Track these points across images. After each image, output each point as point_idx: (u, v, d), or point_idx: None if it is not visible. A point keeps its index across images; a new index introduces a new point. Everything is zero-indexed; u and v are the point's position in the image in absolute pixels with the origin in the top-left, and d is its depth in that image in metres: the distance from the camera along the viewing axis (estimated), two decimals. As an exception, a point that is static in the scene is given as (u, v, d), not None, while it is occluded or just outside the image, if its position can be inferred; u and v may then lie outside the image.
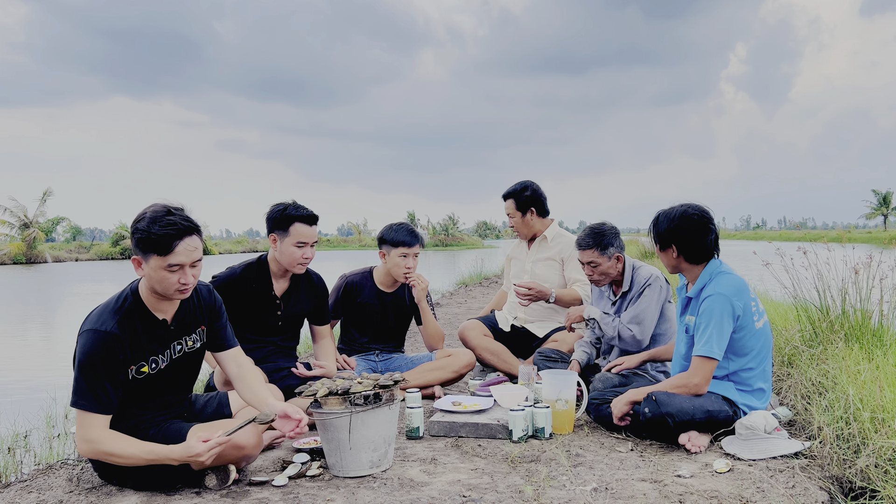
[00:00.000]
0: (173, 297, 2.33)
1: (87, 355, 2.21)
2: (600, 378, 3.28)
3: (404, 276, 3.80)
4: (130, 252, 2.31)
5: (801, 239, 14.55)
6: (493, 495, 2.29)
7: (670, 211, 2.90)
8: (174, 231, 2.22)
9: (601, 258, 3.42)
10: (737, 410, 2.81)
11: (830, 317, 3.82)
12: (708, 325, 2.75)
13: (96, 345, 2.22)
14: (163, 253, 2.22)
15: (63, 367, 6.94)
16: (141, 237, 2.22)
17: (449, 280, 15.46)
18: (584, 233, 3.50)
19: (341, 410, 2.47)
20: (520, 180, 4.34)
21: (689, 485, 2.36)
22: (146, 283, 2.31)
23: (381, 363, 3.94)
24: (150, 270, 2.25)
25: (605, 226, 3.49)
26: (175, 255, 2.23)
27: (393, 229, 3.81)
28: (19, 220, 40.10)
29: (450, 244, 63.55)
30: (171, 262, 2.23)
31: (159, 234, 2.20)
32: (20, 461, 3.05)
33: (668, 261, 2.94)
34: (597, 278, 3.49)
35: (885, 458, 2.28)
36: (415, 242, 3.78)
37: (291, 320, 3.44)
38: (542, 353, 3.79)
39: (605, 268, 3.44)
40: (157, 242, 2.21)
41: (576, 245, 3.51)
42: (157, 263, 2.23)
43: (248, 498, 2.32)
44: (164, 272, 2.24)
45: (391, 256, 3.79)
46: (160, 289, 2.28)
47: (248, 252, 45.35)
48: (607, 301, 3.64)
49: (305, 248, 3.25)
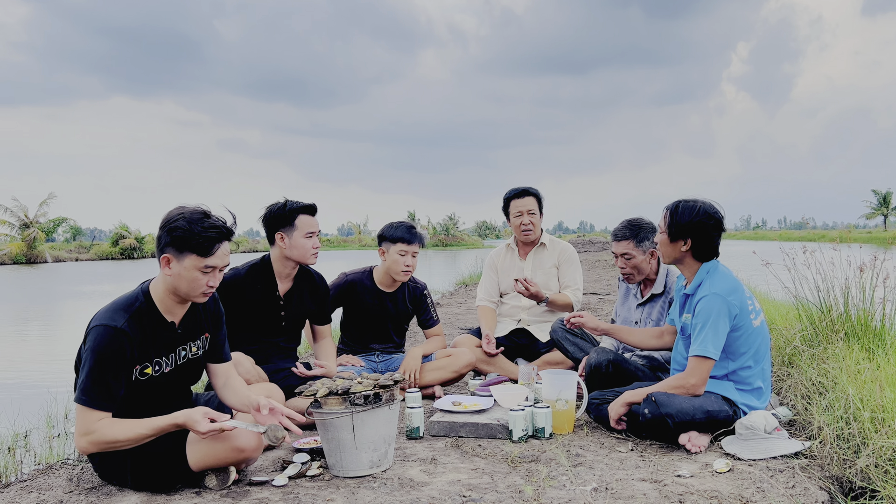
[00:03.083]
0: (196, 299, 2.36)
1: (96, 350, 2.22)
2: (598, 350, 3.28)
3: (403, 273, 3.78)
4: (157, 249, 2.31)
5: (801, 239, 14.53)
6: (493, 495, 2.29)
7: (693, 204, 2.83)
8: (215, 234, 2.28)
9: (636, 251, 3.38)
10: (737, 410, 2.81)
11: (832, 316, 3.81)
12: (704, 326, 2.75)
13: (107, 340, 2.23)
14: (203, 254, 2.26)
15: (63, 367, 6.94)
16: (182, 236, 2.24)
17: (449, 280, 15.46)
18: (621, 224, 3.46)
19: (341, 410, 2.47)
20: (518, 185, 4.32)
21: (689, 485, 2.36)
22: (166, 283, 2.33)
23: (381, 363, 3.94)
24: (183, 270, 2.27)
25: (643, 220, 3.45)
26: (213, 257, 2.28)
27: (392, 226, 3.78)
28: (19, 220, 40.11)
29: (450, 244, 63.54)
30: (207, 264, 2.28)
31: (202, 235, 2.25)
32: (20, 461, 3.05)
33: (672, 252, 2.89)
34: (629, 272, 3.43)
35: (885, 458, 2.27)
36: (414, 240, 3.75)
37: (294, 320, 3.45)
38: (562, 322, 3.68)
39: (638, 261, 3.40)
40: (200, 244, 2.25)
41: (612, 236, 3.47)
42: (194, 263, 2.27)
43: (248, 498, 2.32)
44: (197, 273, 2.28)
45: (390, 253, 3.76)
46: (186, 289, 2.31)
47: (249, 252, 45.34)
48: (633, 301, 3.59)
49: (314, 237, 3.30)
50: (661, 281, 3.46)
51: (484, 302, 4.35)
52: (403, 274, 3.78)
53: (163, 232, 2.29)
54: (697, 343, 2.76)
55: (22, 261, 37.32)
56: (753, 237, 71.83)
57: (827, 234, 11.64)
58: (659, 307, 3.47)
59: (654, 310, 3.49)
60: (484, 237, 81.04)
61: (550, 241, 4.32)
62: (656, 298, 3.48)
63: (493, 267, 4.40)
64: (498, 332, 4.26)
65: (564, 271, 4.24)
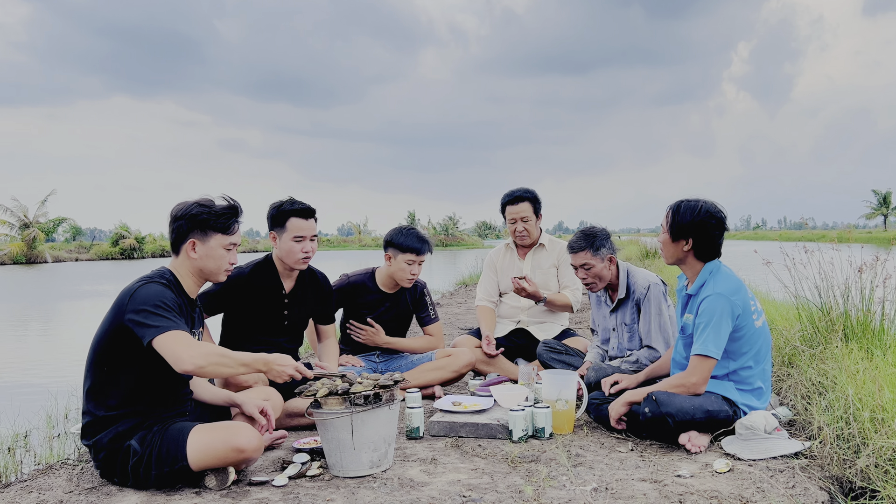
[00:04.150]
0: (219, 278, 2.54)
1: (153, 294, 2.31)
2: (594, 368, 3.29)
3: (408, 280, 3.77)
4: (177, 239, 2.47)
5: (801, 239, 14.54)
6: (493, 495, 2.29)
7: (695, 204, 2.83)
8: (232, 211, 2.52)
9: (594, 259, 3.39)
10: (737, 410, 2.81)
11: (831, 316, 3.81)
12: (707, 325, 2.75)
13: (159, 287, 2.36)
14: (225, 231, 2.48)
15: (63, 367, 6.95)
16: (204, 218, 2.45)
17: (449, 280, 15.47)
18: (575, 236, 3.47)
19: (341, 410, 2.47)
20: (516, 186, 4.28)
21: (689, 485, 2.36)
22: (190, 266, 2.49)
23: (381, 363, 3.94)
24: (209, 250, 2.47)
25: (596, 228, 3.48)
26: (234, 235, 2.51)
27: (403, 233, 3.74)
28: (19, 221, 40.11)
29: (450, 244, 63.54)
30: (231, 241, 2.50)
31: (221, 213, 2.47)
32: (20, 461, 3.05)
33: (674, 251, 2.89)
34: (591, 281, 3.44)
35: (885, 458, 2.27)
36: (424, 250, 3.73)
37: (297, 320, 3.44)
38: (546, 345, 3.79)
39: (598, 270, 3.41)
40: (222, 222, 2.47)
41: (568, 249, 3.48)
42: (219, 241, 2.48)
43: (248, 498, 2.32)
44: (222, 250, 2.49)
45: (397, 261, 3.74)
46: (213, 267, 2.49)
47: (249, 252, 45.34)
48: (605, 308, 3.62)
49: (304, 242, 3.25)
50: (623, 285, 3.47)
51: (483, 302, 4.34)
52: (409, 281, 3.79)
53: (182, 220, 2.47)
54: (699, 342, 2.76)
55: (22, 261, 37.31)
56: (753, 237, 71.84)
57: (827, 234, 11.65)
58: (629, 311, 3.48)
59: (625, 314, 3.50)
60: (484, 237, 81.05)
61: (550, 241, 4.32)
62: (624, 303, 3.50)
63: (492, 267, 4.39)
64: (497, 332, 4.26)
65: (564, 271, 4.23)
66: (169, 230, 2.51)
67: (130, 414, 2.37)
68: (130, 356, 2.34)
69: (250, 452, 2.37)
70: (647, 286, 3.42)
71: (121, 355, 2.35)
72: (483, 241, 74.11)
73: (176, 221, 2.48)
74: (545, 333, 4.19)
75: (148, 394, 2.40)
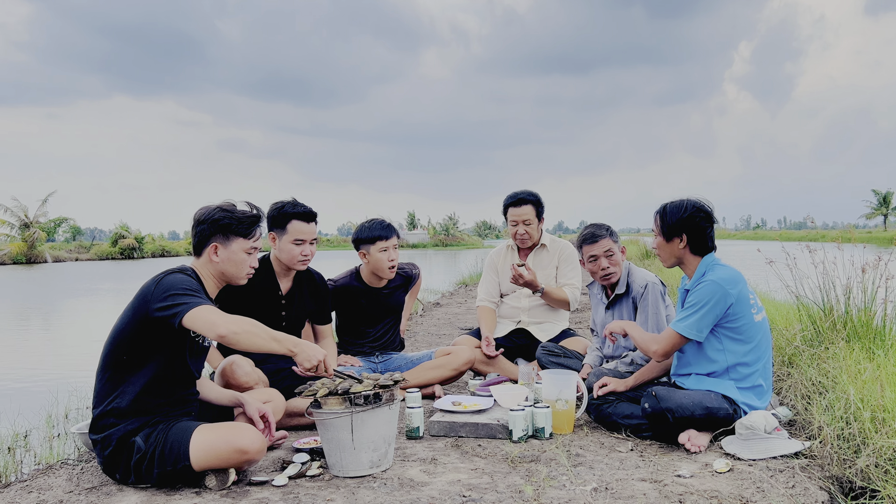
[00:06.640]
0: (240, 281, 2.60)
1: (178, 281, 2.35)
2: (595, 373, 3.29)
3: (389, 269, 3.77)
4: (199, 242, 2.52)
5: (802, 239, 14.54)
6: (493, 495, 2.29)
7: (680, 203, 2.93)
8: (254, 217, 2.59)
9: (615, 246, 3.44)
10: (737, 409, 2.81)
11: (833, 316, 3.81)
12: (693, 306, 2.81)
13: (183, 276, 2.40)
14: (247, 236, 2.54)
15: (63, 367, 6.94)
16: (227, 223, 2.51)
17: (449, 280, 15.47)
18: (591, 227, 3.48)
19: (341, 410, 2.47)
20: (517, 186, 4.29)
21: (689, 485, 2.35)
22: (212, 270, 2.54)
23: (380, 363, 3.94)
24: (231, 254, 2.52)
25: (599, 222, 3.55)
26: (255, 240, 2.58)
27: (365, 227, 3.77)
28: (20, 221, 40.11)
29: (450, 244, 63.54)
30: (253, 245, 2.56)
31: (243, 219, 2.54)
32: (20, 461, 3.05)
33: (672, 251, 2.94)
34: (612, 270, 3.43)
35: (885, 457, 2.27)
36: (391, 234, 3.75)
37: (295, 320, 3.44)
38: (544, 348, 3.78)
39: (618, 257, 3.45)
40: (245, 227, 2.53)
41: (586, 241, 3.46)
42: (240, 246, 2.54)
43: (248, 498, 2.32)
44: (243, 255, 2.54)
45: (371, 254, 3.75)
46: (234, 271, 2.55)
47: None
48: (602, 305, 3.62)
49: (304, 245, 3.26)
50: (624, 280, 3.47)
51: (484, 302, 4.34)
52: (390, 270, 3.78)
53: (205, 224, 2.52)
54: (680, 318, 2.84)
55: (22, 261, 37.31)
56: (753, 237, 71.82)
57: (827, 234, 11.64)
58: (626, 309, 3.48)
59: (622, 311, 3.50)
60: (484, 237, 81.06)
61: (551, 242, 4.31)
62: (622, 299, 3.49)
63: (493, 267, 4.38)
64: (498, 332, 4.26)
65: (563, 269, 4.23)
66: (192, 234, 2.55)
67: (141, 411, 2.37)
68: (148, 352, 2.36)
69: (253, 454, 2.36)
70: (644, 285, 3.42)
71: (139, 351, 2.37)
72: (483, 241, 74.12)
73: (199, 225, 2.53)
74: (545, 333, 4.19)
75: (160, 392, 2.40)
